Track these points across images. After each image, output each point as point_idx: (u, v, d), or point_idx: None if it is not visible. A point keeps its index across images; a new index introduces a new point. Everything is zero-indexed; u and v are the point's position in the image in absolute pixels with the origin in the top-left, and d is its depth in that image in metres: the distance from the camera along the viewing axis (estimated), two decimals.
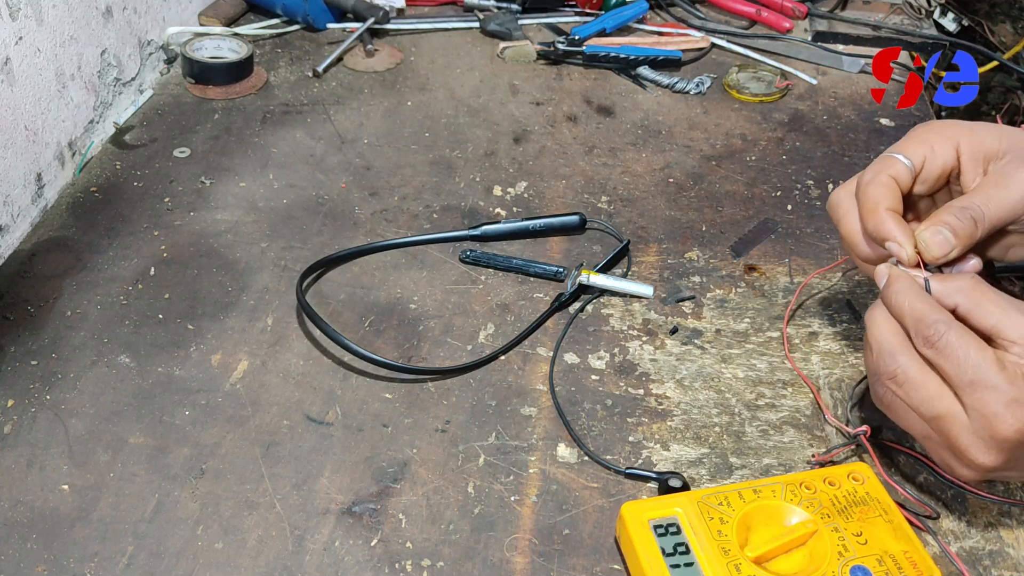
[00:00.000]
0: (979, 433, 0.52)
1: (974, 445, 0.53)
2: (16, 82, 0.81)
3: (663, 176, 0.93)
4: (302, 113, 1.00)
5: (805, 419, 0.68)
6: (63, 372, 0.70)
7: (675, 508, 0.57)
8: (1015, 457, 0.52)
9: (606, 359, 0.73)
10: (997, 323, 0.53)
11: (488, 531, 0.60)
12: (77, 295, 0.76)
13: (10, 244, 0.81)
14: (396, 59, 1.11)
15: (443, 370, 0.71)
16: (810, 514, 0.57)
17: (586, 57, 1.11)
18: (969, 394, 0.52)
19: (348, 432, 0.66)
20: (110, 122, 0.96)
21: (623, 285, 0.78)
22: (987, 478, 0.55)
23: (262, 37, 1.14)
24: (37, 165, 0.85)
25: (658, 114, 1.03)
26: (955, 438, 0.53)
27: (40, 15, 0.83)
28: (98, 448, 0.64)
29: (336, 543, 0.59)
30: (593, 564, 0.58)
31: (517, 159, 0.95)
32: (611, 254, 0.81)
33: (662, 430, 0.67)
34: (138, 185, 0.89)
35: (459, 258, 0.82)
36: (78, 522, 0.60)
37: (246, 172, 0.91)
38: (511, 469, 0.64)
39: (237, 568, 0.58)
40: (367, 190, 0.90)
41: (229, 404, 0.68)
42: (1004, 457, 0.52)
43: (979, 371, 0.51)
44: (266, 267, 0.80)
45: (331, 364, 0.71)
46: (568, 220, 0.84)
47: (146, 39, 1.03)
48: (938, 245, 0.58)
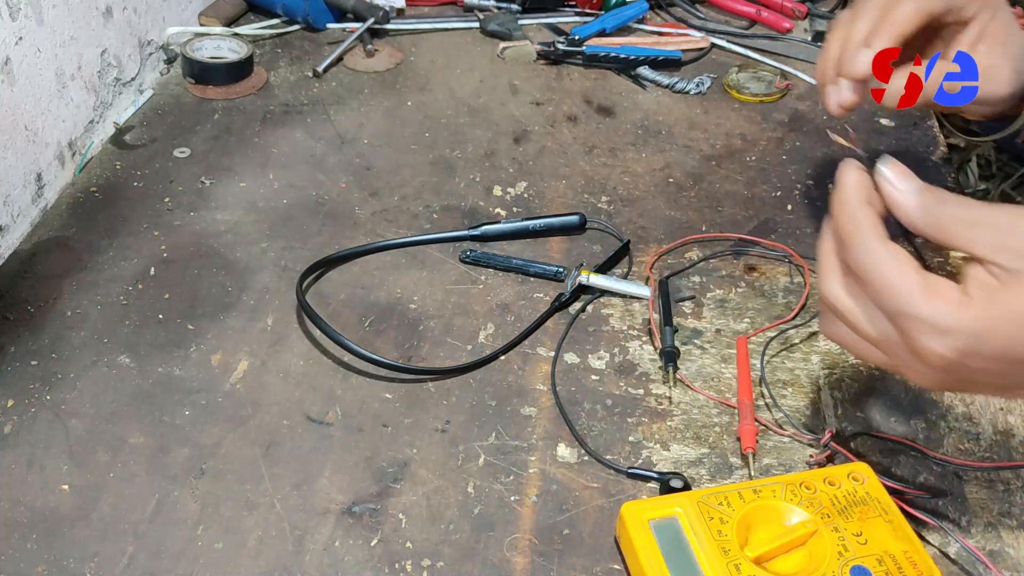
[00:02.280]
0: (915, 358, 0.48)
1: (913, 368, 0.49)
2: (16, 82, 0.81)
3: (663, 176, 0.93)
4: (302, 113, 1.00)
5: (805, 419, 0.68)
6: (63, 372, 0.70)
7: (675, 508, 0.57)
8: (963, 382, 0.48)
9: (606, 359, 0.73)
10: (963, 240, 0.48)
11: (488, 531, 0.60)
12: (77, 295, 0.76)
13: (10, 244, 0.81)
14: (396, 59, 1.11)
15: (443, 370, 0.71)
16: (810, 514, 0.57)
17: (586, 57, 1.11)
18: (898, 326, 0.48)
19: (348, 432, 0.66)
20: (110, 122, 0.96)
21: (622, 286, 0.78)
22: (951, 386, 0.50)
23: (262, 37, 1.14)
24: (37, 165, 0.85)
25: (658, 114, 1.03)
26: (895, 357, 0.49)
27: (40, 15, 0.83)
28: (98, 448, 0.64)
29: (336, 543, 0.59)
30: (593, 564, 0.58)
31: (517, 159, 0.95)
32: (611, 254, 0.81)
33: (662, 430, 0.67)
34: (138, 185, 0.89)
35: (459, 258, 0.82)
36: (78, 522, 0.60)
37: (246, 172, 0.91)
38: (511, 469, 0.64)
39: (237, 568, 0.58)
40: (367, 190, 0.90)
41: (229, 404, 0.68)
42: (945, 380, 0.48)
43: (901, 300, 0.47)
44: (266, 267, 0.80)
45: (331, 364, 0.71)
46: (568, 220, 0.84)
47: (146, 39, 1.03)
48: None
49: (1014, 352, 0.45)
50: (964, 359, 0.46)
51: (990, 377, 0.47)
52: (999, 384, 0.48)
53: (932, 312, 0.46)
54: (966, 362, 0.46)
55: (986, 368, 0.46)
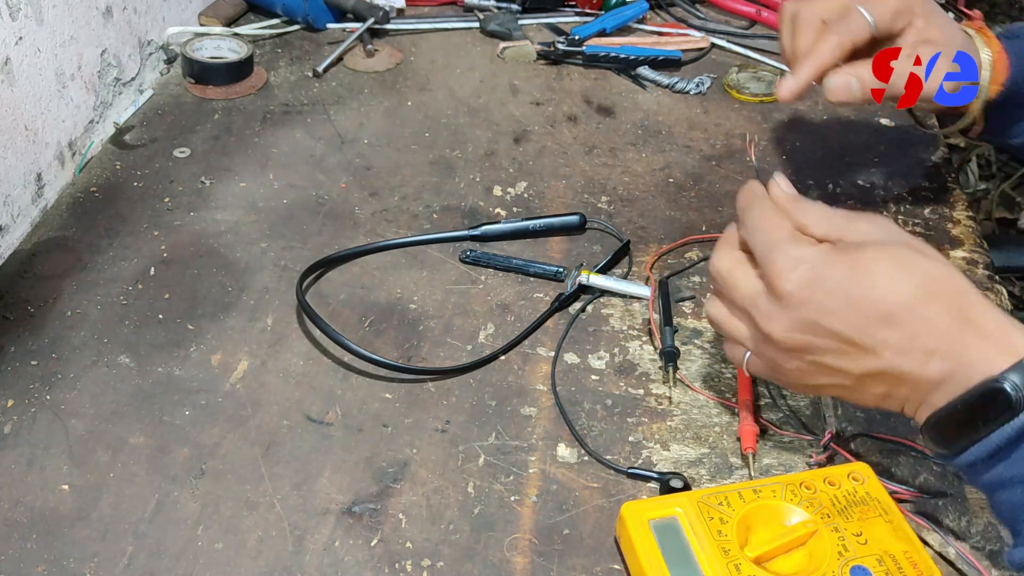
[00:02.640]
0: (769, 297, 0.55)
1: (768, 313, 0.55)
2: (16, 82, 0.81)
3: (663, 176, 0.93)
4: (302, 113, 1.00)
5: (805, 419, 0.68)
6: (63, 372, 0.70)
7: (675, 508, 0.57)
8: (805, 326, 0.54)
9: (606, 359, 0.73)
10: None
11: (488, 531, 0.60)
12: (77, 295, 0.76)
13: (10, 244, 0.81)
14: (396, 59, 1.11)
15: (443, 370, 0.71)
16: (810, 514, 0.57)
17: (586, 57, 1.11)
18: (764, 262, 0.56)
19: (348, 432, 0.66)
20: (110, 122, 0.96)
21: (622, 286, 0.78)
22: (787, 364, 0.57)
23: (262, 37, 1.14)
24: (37, 165, 0.85)
25: (658, 114, 1.03)
26: (757, 310, 0.56)
27: (40, 15, 0.83)
28: (98, 448, 0.64)
29: (336, 543, 0.59)
30: (593, 564, 0.58)
31: (517, 159, 0.95)
32: (611, 254, 0.81)
33: (662, 430, 0.67)
34: (138, 185, 0.89)
35: (459, 258, 0.82)
36: (78, 522, 0.60)
37: (246, 172, 0.91)
38: (511, 469, 0.64)
39: (237, 568, 0.58)
40: (367, 190, 0.90)
41: (229, 404, 0.68)
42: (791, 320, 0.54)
43: (773, 237, 0.55)
44: (266, 267, 0.80)
45: (331, 364, 0.71)
46: (568, 220, 0.84)
47: (146, 39, 1.03)
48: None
49: (848, 290, 0.52)
50: (810, 286, 0.53)
51: (831, 321, 0.53)
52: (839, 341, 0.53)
53: (793, 243, 0.55)
54: (811, 291, 0.53)
55: (825, 305, 0.52)
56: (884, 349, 0.52)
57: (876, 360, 0.52)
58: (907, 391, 0.53)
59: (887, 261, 0.52)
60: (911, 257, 0.53)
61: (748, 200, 0.59)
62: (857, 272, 0.52)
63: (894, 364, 0.52)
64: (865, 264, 0.52)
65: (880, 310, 0.52)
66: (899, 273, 0.52)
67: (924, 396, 0.52)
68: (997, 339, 0.50)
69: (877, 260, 0.53)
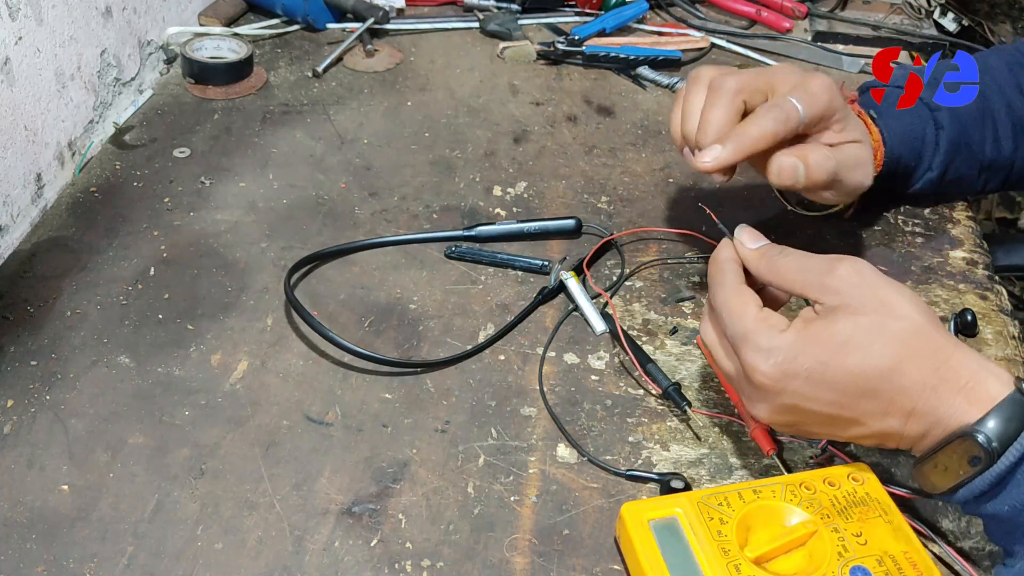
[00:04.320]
0: (750, 382, 0.56)
1: (750, 397, 0.57)
2: (16, 82, 0.81)
3: (663, 176, 0.93)
4: (302, 113, 1.00)
5: None
6: (63, 372, 0.70)
7: (675, 508, 0.57)
8: (787, 409, 0.56)
9: (606, 359, 0.73)
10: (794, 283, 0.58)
11: (488, 531, 0.60)
12: (77, 295, 0.76)
13: (10, 244, 0.81)
14: (396, 59, 1.11)
15: (435, 362, 0.71)
16: (810, 514, 0.57)
17: (586, 57, 1.11)
18: (737, 352, 0.57)
19: (348, 432, 0.66)
20: (110, 122, 0.96)
21: (586, 307, 0.76)
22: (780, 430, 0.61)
23: (262, 37, 1.14)
24: (37, 165, 0.85)
25: (658, 114, 1.03)
26: (741, 392, 0.59)
27: (40, 15, 0.83)
28: (98, 448, 0.64)
29: (336, 543, 0.59)
30: (593, 564, 0.58)
31: (517, 159, 0.95)
32: (592, 249, 0.81)
33: (662, 430, 0.67)
34: (138, 185, 0.89)
35: (444, 254, 0.82)
36: (78, 522, 0.60)
37: (246, 172, 0.91)
38: (511, 469, 0.64)
39: (237, 568, 0.58)
40: (367, 190, 0.90)
41: (229, 404, 0.68)
42: (773, 407, 0.56)
43: (740, 325, 0.56)
44: (266, 267, 0.80)
45: (331, 364, 0.71)
46: (564, 224, 0.84)
47: (146, 39, 1.03)
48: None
49: (821, 373, 0.53)
50: (784, 378, 0.54)
51: (811, 404, 0.54)
52: (823, 417, 0.55)
53: (760, 335, 0.55)
54: (786, 382, 0.54)
55: (803, 392, 0.54)
56: (866, 418, 0.54)
57: (860, 427, 0.55)
58: (895, 443, 0.56)
59: (861, 334, 0.53)
60: (882, 325, 0.53)
61: (716, 275, 0.60)
62: (830, 354, 0.53)
63: (877, 428, 0.54)
64: (837, 344, 0.53)
65: (858, 386, 0.53)
66: (874, 346, 0.53)
67: (911, 445, 0.55)
68: (970, 390, 0.52)
69: (850, 335, 0.53)
